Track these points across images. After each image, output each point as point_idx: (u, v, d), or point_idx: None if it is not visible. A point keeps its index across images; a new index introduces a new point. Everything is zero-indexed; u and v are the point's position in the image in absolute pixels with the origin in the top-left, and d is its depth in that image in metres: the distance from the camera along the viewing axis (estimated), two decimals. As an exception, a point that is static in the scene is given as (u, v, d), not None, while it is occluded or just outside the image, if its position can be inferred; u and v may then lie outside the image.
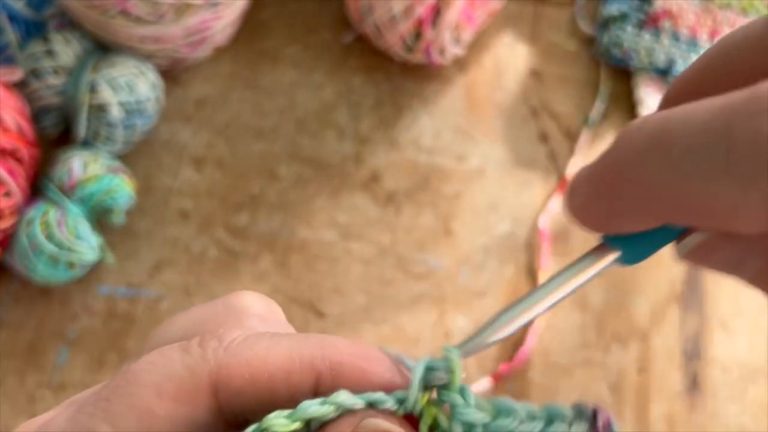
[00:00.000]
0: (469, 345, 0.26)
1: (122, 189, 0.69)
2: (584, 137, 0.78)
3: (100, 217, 0.70)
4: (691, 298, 0.71)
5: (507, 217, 0.74)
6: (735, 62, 0.25)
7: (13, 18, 0.74)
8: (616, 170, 0.23)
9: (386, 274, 0.70)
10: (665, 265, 0.72)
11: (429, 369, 0.26)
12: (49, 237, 0.66)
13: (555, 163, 0.77)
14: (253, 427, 0.24)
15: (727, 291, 0.71)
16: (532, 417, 0.25)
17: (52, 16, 0.75)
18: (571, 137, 0.78)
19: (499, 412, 0.25)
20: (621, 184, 0.23)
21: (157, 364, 0.27)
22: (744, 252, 0.24)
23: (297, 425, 0.24)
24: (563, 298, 0.26)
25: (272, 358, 0.27)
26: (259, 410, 0.26)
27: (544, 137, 0.78)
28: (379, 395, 0.25)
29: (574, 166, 0.76)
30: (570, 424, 0.25)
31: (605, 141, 0.78)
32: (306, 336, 0.28)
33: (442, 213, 0.74)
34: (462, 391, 0.25)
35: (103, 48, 0.74)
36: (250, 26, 0.82)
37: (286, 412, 0.25)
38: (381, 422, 0.25)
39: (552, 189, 0.75)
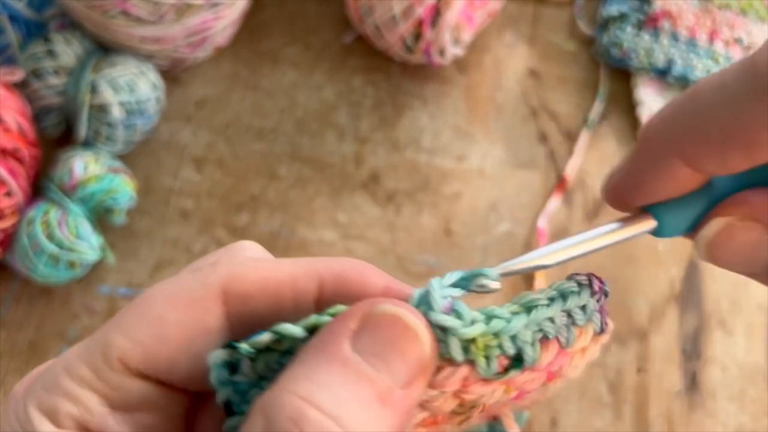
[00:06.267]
0: (505, 267, 0.30)
1: (123, 189, 0.69)
2: (584, 137, 0.78)
3: (100, 217, 0.70)
4: (690, 297, 0.71)
5: (506, 217, 0.74)
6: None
7: (14, 18, 0.75)
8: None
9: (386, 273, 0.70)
10: (664, 264, 0.72)
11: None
12: (50, 237, 0.66)
13: (554, 163, 0.77)
14: (265, 333, 0.26)
15: (726, 290, 0.71)
16: (551, 299, 0.29)
17: (53, 16, 0.75)
18: (571, 137, 0.78)
19: (527, 308, 0.29)
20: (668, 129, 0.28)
21: (170, 282, 0.29)
22: (760, 240, 0.26)
23: (303, 333, 0.26)
24: (591, 251, 0.29)
25: (280, 268, 0.29)
26: (267, 316, 0.28)
27: (543, 137, 0.78)
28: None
29: (573, 167, 0.76)
30: (579, 294, 0.29)
31: (605, 141, 0.78)
32: (309, 257, 0.30)
33: (442, 213, 0.74)
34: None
35: (103, 48, 0.74)
36: (250, 27, 0.82)
37: (296, 323, 0.26)
38: (390, 307, 0.26)
39: (551, 189, 0.75)
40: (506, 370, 0.28)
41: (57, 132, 0.74)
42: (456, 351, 0.26)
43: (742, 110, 0.25)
